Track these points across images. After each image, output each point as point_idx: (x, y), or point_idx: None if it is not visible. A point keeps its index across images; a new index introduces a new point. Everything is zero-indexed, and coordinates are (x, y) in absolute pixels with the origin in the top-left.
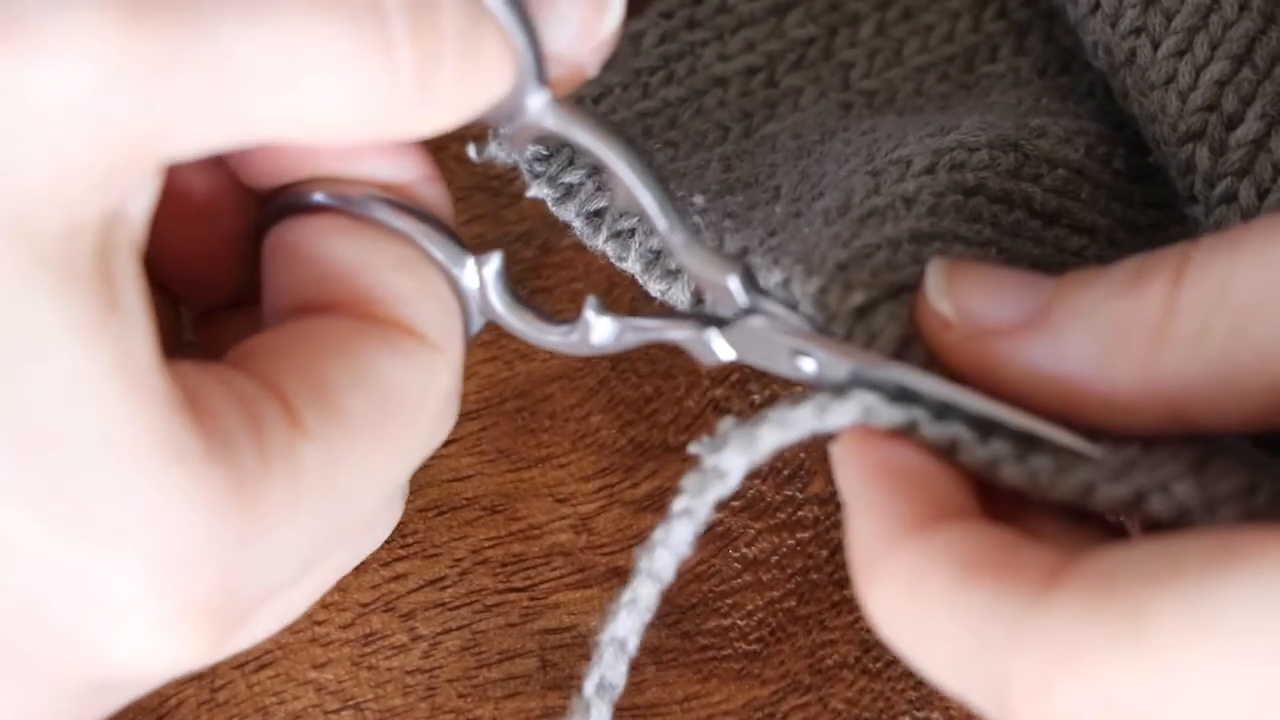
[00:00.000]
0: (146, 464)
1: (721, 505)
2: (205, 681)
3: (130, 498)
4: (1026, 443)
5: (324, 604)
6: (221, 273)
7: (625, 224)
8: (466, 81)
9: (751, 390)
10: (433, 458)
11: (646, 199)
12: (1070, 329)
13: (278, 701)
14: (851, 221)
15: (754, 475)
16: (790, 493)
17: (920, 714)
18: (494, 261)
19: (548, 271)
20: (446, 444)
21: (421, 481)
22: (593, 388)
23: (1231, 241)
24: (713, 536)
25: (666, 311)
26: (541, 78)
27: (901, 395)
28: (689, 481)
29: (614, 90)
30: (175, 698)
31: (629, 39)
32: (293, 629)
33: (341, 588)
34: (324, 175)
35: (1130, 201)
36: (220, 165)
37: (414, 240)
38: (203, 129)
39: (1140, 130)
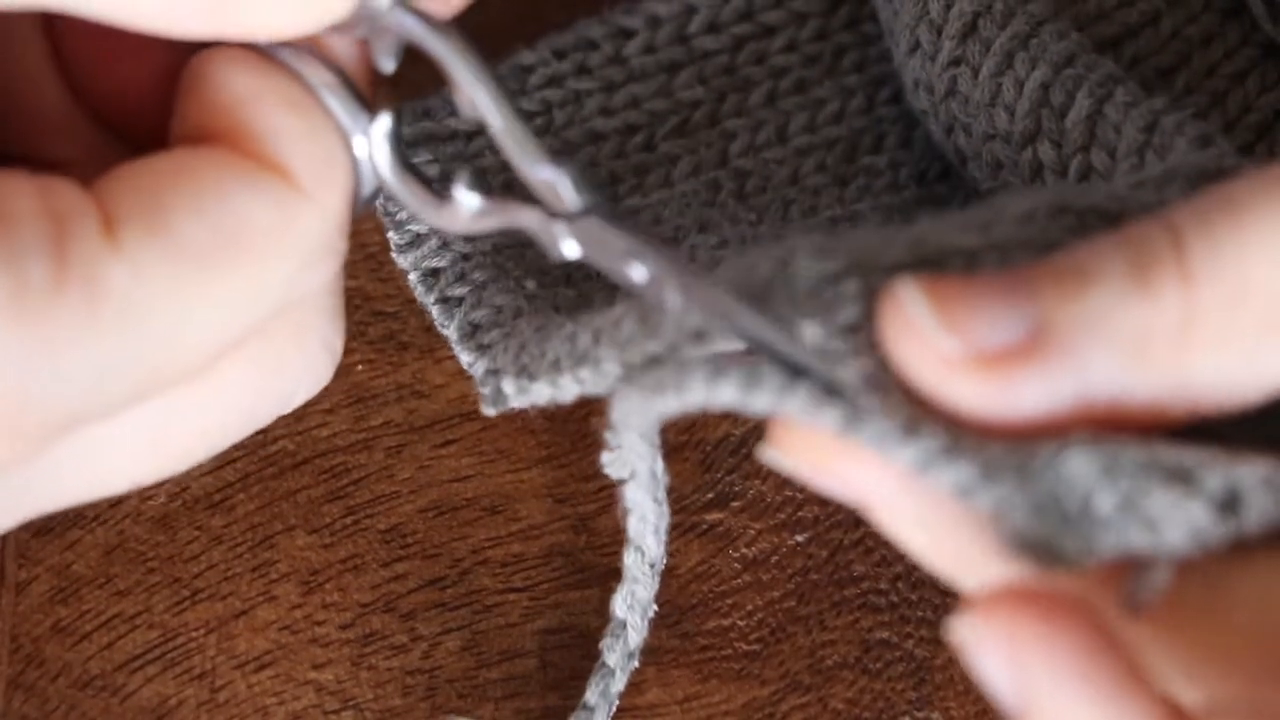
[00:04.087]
0: None
1: (722, 505)
2: (205, 681)
3: None
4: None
5: (324, 604)
6: (168, 110)
7: (456, 291)
8: None
9: None
10: (432, 458)
11: (483, 99)
12: (1087, 344)
13: (278, 701)
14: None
15: (754, 475)
16: (790, 493)
17: (920, 714)
18: (384, 121)
19: None
20: (446, 444)
21: (421, 482)
22: None
23: (1230, 222)
24: (713, 536)
25: (525, 197)
26: None
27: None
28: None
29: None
30: (175, 698)
31: (517, 70)
32: (293, 629)
33: (341, 588)
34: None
35: None
36: None
37: (310, 85)
38: None
39: (972, 170)
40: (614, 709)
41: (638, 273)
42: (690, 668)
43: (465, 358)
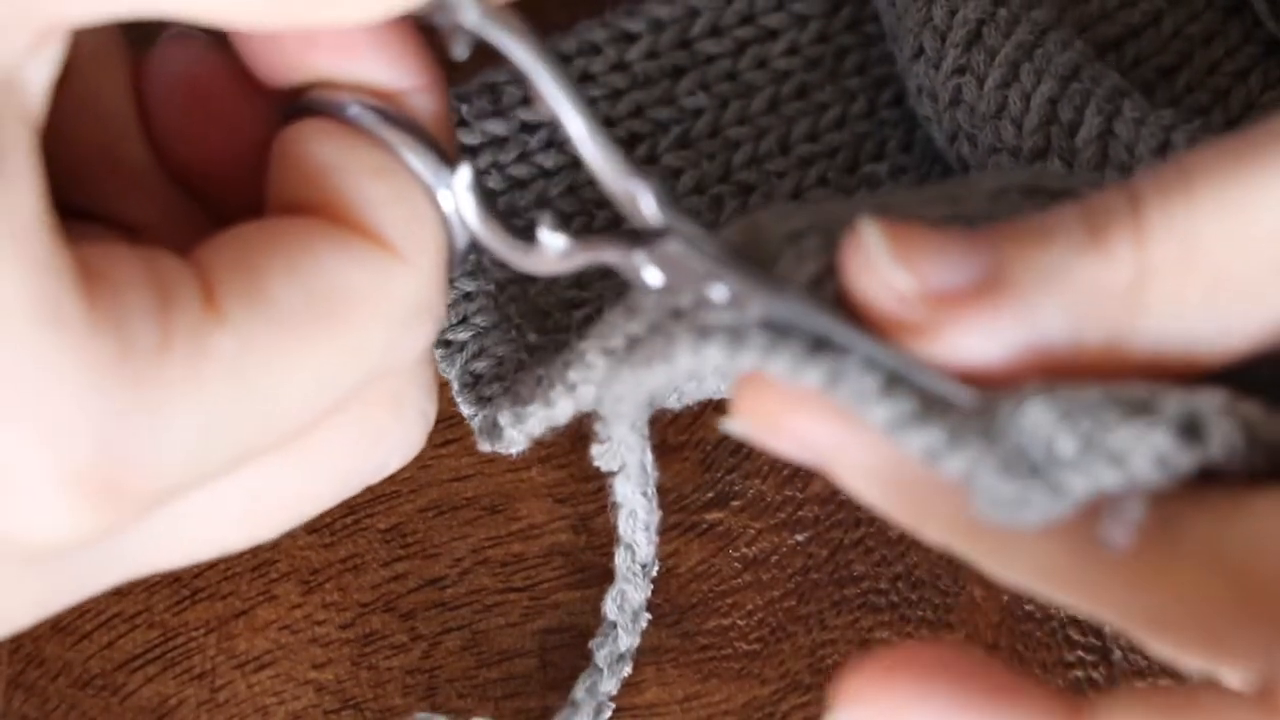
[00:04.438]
0: (18, 326)
1: (722, 505)
2: (205, 681)
3: (1, 361)
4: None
5: (324, 604)
6: (250, 180)
7: (459, 336)
8: None
9: None
10: (432, 458)
11: (565, 108)
12: (1038, 293)
13: (278, 701)
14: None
15: (754, 475)
16: (790, 493)
17: None
18: (464, 173)
19: None
20: (446, 444)
21: (421, 481)
22: None
23: (1183, 187)
24: (713, 536)
25: (611, 231)
26: None
27: (815, 343)
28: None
29: (495, 141)
30: (175, 698)
31: (520, 75)
32: (293, 629)
33: (341, 588)
34: (321, 79)
35: None
36: (235, 69)
37: (394, 149)
38: None
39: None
40: (602, 707)
41: (718, 292)
42: (690, 667)
43: (466, 409)
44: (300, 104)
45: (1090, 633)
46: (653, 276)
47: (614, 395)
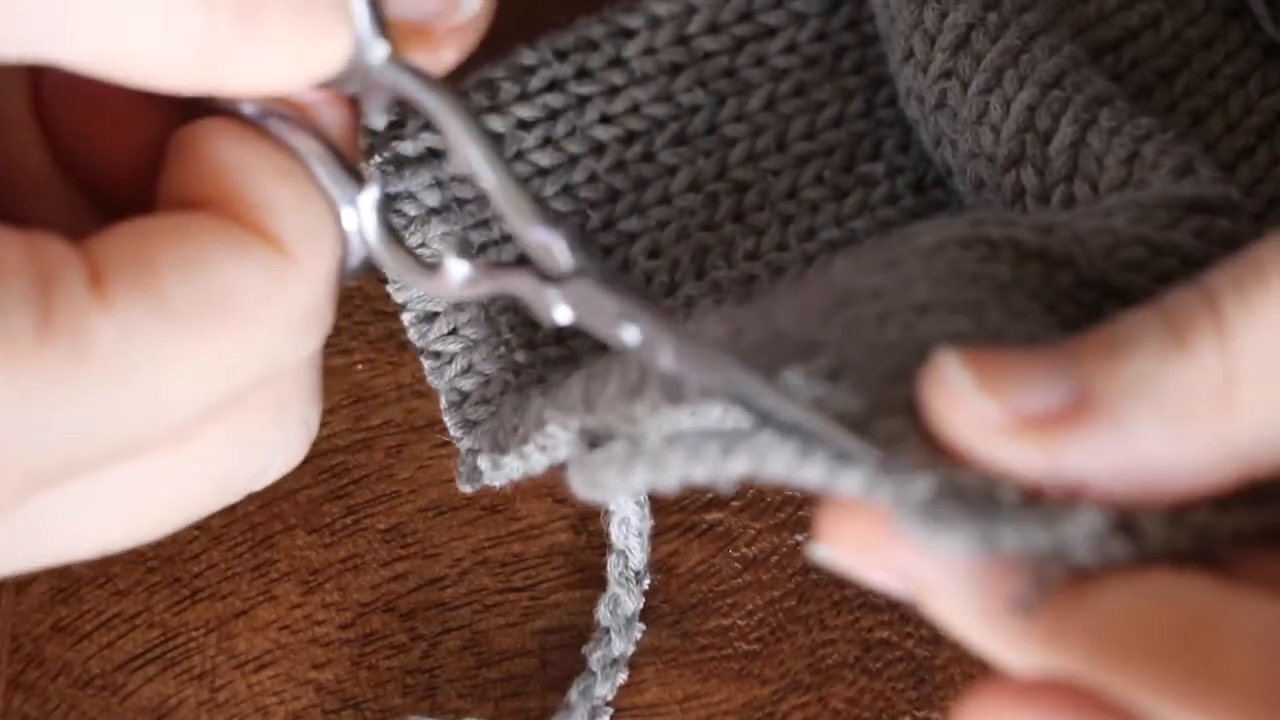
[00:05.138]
0: None
1: (721, 505)
2: (205, 681)
3: None
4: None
5: (324, 604)
6: (148, 179)
7: (448, 347)
8: (295, 23)
9: None
10: (432, 458)
11: (477, 158)
12: (1132, 408)
13: (278, 701)
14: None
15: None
16: (790, 492)
17: (920, 714)
18: (371, 191)
19: None
20: (446, 444)
21: (421, 481)
22: None
23: (1258, 278)
24: (713, 536)
25: (516, 262)
26: (382, 29)
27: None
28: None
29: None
30: (175, 698)
31: (517, 71)
32: (293, 629)
33: (341, 588)
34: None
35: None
36: None
37: (302, 157)
38: (14, 42)
39: (957, 183)
40: (597, 710)
41: (630, 334)
42: (690, 667)
43: (453, 431)
44: (200, 102)
45: None
46: (563, 315)
47: (591, 482)
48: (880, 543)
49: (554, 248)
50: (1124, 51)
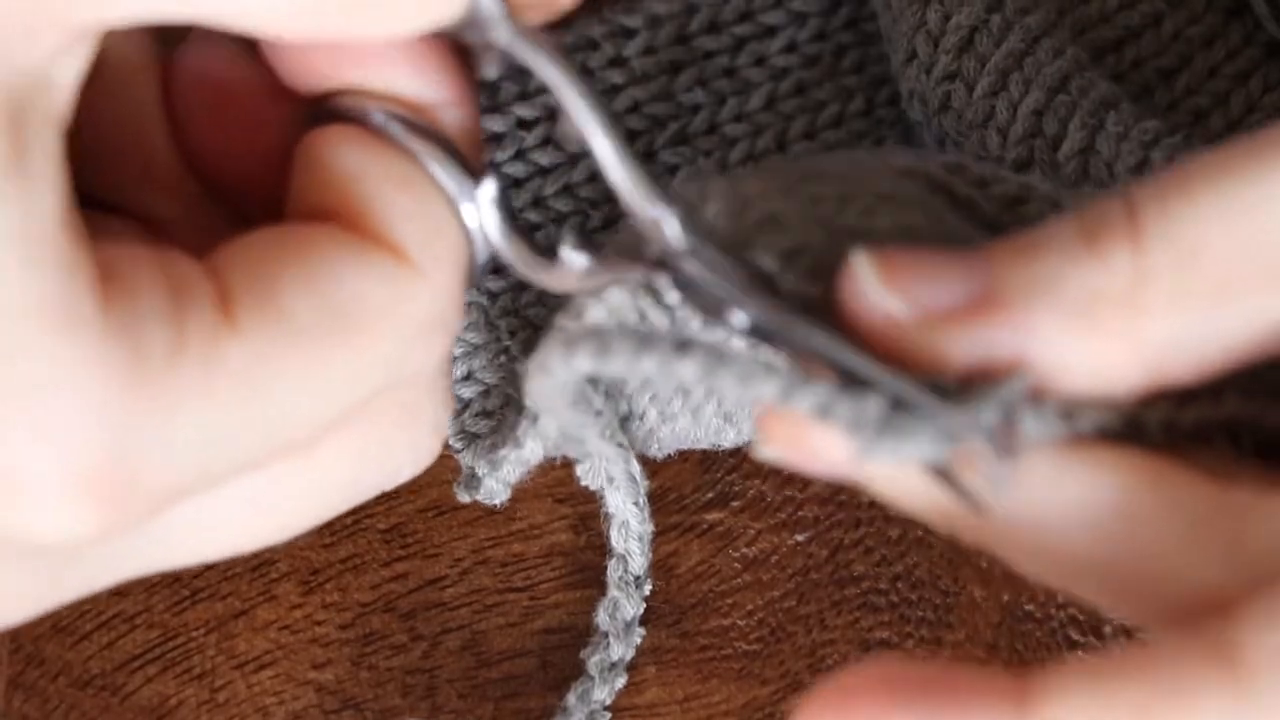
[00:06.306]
0: (33, 328)
1: (721, 505)
2: (205, 681)
3: (15, 362)
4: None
5: (324, 604)
6: (273, 183)
7: (480, 426)
8: None
9: None
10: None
11: (593, 130)
12: (1034, 305)
13: (278, 701)
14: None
15: (754, 475)
16: (790, 493)
17: None
18: (489, 186)
19: None
20: (446, 444)
21: (421, 481)
22: None
23: (1181, 191)
24: (713, 536)
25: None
26: None
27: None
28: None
29: (492, 138)
30: (175, 698)
31: (516, 71)
32: (293, 629)
33: (341, 588)
34: (351, 87)
35: None
36: (262, 71)
37: (419, 159)
38: None
39: None
40: (595, 715)
41: (738, 319)
42: (690, 667)
43: (453, 443)
44: (326, 109)
45: (1090, 632)
46: (673, 300)
47: (538, 389)
48: (818, 443)
49: (665, 224)
50: (1125, 51)
